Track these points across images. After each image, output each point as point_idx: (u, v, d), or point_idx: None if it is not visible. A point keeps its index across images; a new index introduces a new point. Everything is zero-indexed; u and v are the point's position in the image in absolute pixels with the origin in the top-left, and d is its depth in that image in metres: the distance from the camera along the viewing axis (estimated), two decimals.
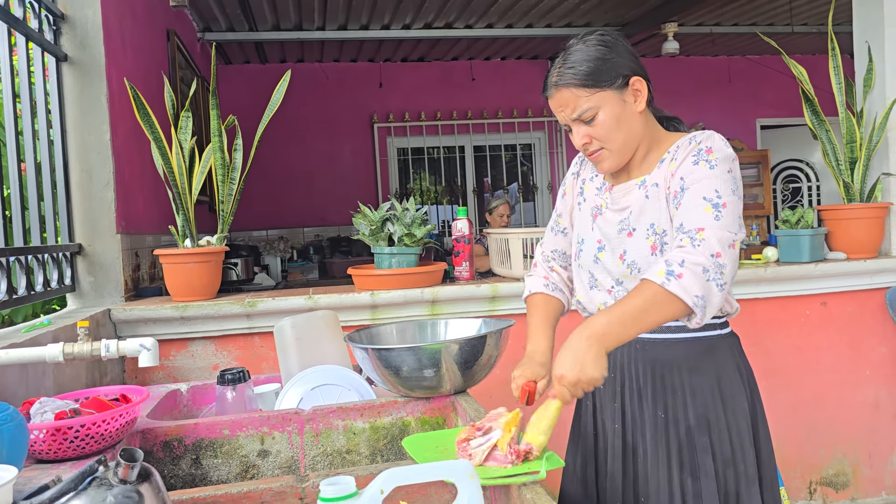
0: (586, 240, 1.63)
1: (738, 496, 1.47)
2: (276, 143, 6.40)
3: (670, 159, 1.50)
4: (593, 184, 1.66)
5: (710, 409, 1.48)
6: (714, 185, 1.39)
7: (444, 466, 0.91)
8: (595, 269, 1.60)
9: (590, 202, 1.65)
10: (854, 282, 3.24)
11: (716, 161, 1.42)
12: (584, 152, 1.54)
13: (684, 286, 1.29)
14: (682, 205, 1.41)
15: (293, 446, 1.74)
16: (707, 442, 1.47)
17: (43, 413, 1.51)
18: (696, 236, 1.34)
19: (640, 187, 1.53)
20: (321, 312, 2.10)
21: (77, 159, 2.67)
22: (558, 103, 1.50)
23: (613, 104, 1.46)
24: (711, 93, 7.46)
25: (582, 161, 1.73)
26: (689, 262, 1.30)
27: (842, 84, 3.28)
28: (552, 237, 1.77)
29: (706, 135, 1.48)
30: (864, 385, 3.31)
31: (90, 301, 2.69)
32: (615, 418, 1.57)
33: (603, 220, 1.59)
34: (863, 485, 3.33)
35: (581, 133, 1.50)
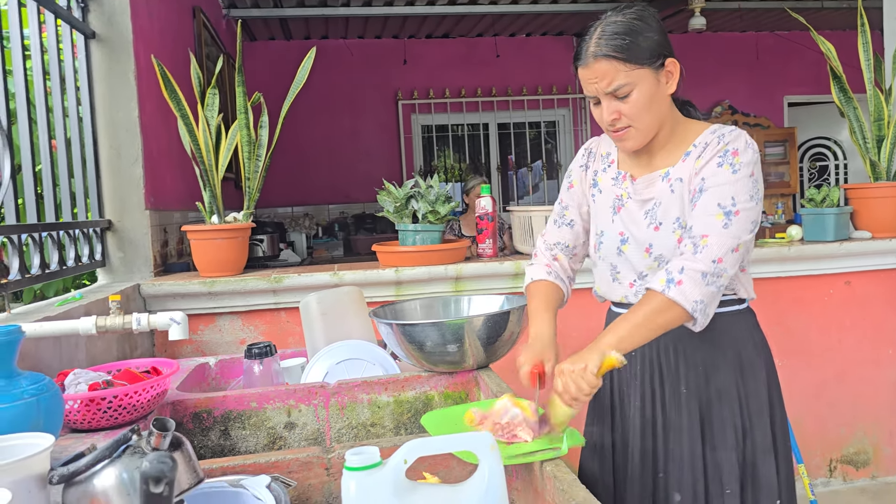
0: (606, 232, 1.61)
1: (755, 467, 1.50)
2: (300, 120, 6.44)
3: (697, 155, 1.49)
4: (607, 175, 1.64)
5: (729, 383, 1.51)
6: (732, 192, 1.40)
7: (466, 438, 0.94)
8: (618, 262, 1.59)
9: (607, 194, 1.63)
10: (879, 261, 3.21)
11: (739, 165, 1.42)
12: (609, 128, 1.50)
13: (683, 292, 1.35)
14: (697, 207, 1.43)
15: (319, 419, 1.78)
16: (727, 415, 1.50)
17: (77, 384, 1.56)
18: (699, 243, 1.38)
19: (664, 179, 1.52)
20: (346, 288, 2.13)
21: (106, 136, 2.71)
22: (594, 74, 1.45)
23: (649, 83, 1.44)
24: (739, 69, 7.36)
25: (589, 153, 1.71)
26: (687, 269, 1.36)
27: (871, 60, 3.23)
28: (556, 230, 1.74)
29: (734, 135, 1.47)
30: (886, 364, 3.29)
31: (120, 276, 2.75)
32: (635, 395, 1.59)
33: (626, 213, 1.57)
34: (883, 463, 3.33)
35: (612, 108, 1.46)
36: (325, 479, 1.32)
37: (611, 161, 1.66)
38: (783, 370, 3.17)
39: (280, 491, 1.19)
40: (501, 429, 1.29)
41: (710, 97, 7.30)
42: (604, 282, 1.64)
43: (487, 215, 2.97)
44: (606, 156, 1.68)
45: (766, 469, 1.50)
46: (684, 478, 1.50)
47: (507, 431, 1.29)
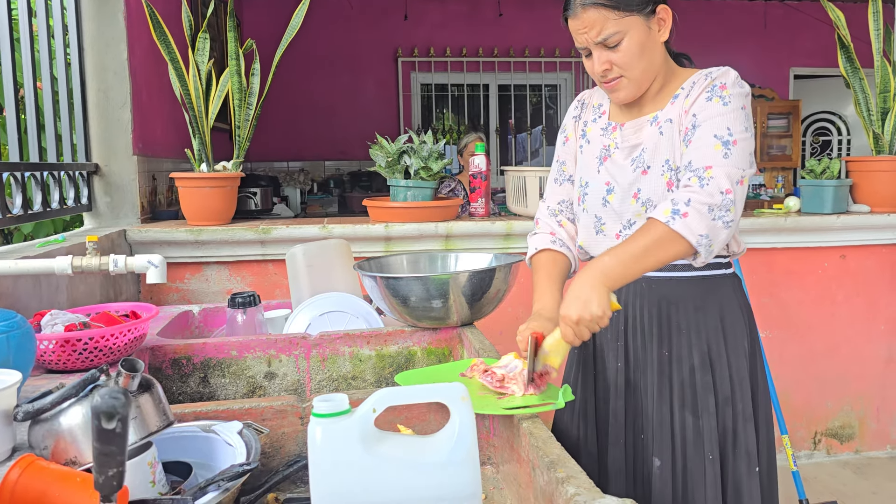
0: (591, 183, 1.56)
1: (735, 433, 1.48)
2: (298, 74, 6.33)
3: (685, 95, 1.45)
4: (597, 125, 1.60)
5: (713, 348, 1.48)
6: (726, 123, 1.36)
7: (437, 388, 0.91)
8: (603, 213, 1.54)
9: (595, 144, 1.59)
10: (876, 236, 3.18)
11: (729, 97, 1.39)
12: (600, 79, 1.47)
13: (689, 225, 1.29)
14: (693, 142, 1.38)
15: (299, 370, 1.76)
16: (709, 380, 1.47)
17: (53, 325, 1.53)
18: (703, 175, 1.32)
19: (653, 123, 1.48)
20: (334, 241, 2.10)
21: (94, 78, 2.65)
22: (582, 24, 1.40)
23: (640, 30, 1.40)
24: (746, 38, 7.24)
25: (582, 104, 1.67)
26: (694, 202, 1.29)
27: (880, 31, 3.16)
28: (557, 188, 1.67)
29: (721, 70, 1.44)
30: (877, 339, 3.28)
31: (106, 221, 2.71)
32: (618, 357, 1.57)
33: (612, 163, 1.53)
34: (868, 438, 3.34)
35: (602, 58, 1.42)
36: (299, 427, 1.30)
37: (602, 112, 1.61)
38: (773, 341, 3.18)
39: (251, 437, 1.17)
40: (493, 376, 1.27)
41: (715, 65, 7.18)
42: (588, 235, 1.59)
43: (481, 174, 2.93)
44: (598, 107, 1.63)
45: (747, 436, 1.48)
46: (664, 442, 1.48)
47: (499, 381, 1.26)
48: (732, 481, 1.47)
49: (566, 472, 0.95)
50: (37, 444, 1.04)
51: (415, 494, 0.87)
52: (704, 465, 1.46)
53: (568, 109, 1.71)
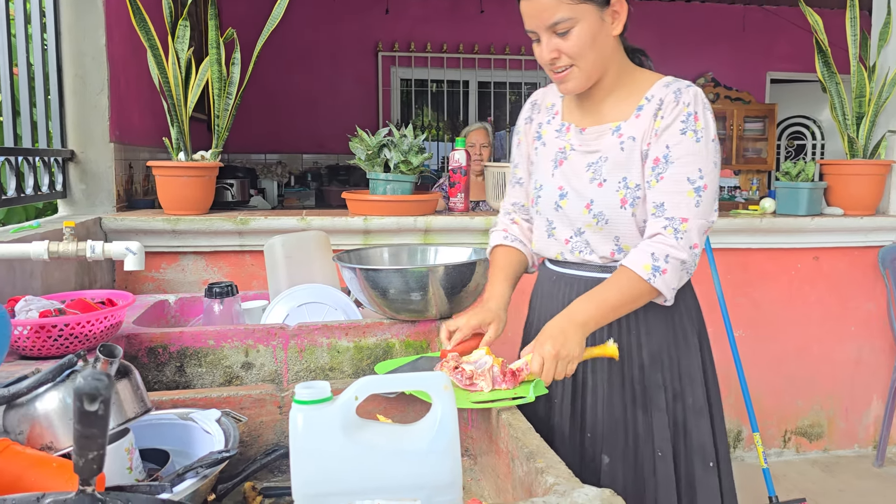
0: (545, 185, 1.54)
1: (686, 429, 1.48)
2: (278, 66, 6.29)
3: (653, 112, 1.42)
4: (551, 126, 1.57)
5: (662, 348, 1.49)
6: (698, 164, 1.37)
7: (419, 378, 0.91)
8: (555, 217, 1.52)
9: (551, 146, 1.56)
10: (848, 238, 3.23)
11: (702, 132, 1.38)
12: (549, 67, 1.43)
13: (666, 281, 1.35)
14: (665, 180, 1.38)
15: (277, 360, 1.75)
16: (659, 378, 1.47)
17: (28, 311, 1.51)
18: (679, 227, 1.36)
19: (615, 134, 1.46)
20: (313, 233, 2.09)
21: (71, 64, 2.62)
22: (534, 7, 1.37)
23: (592, 20, 1.37)
24: (724, 42, 7.31)
25: (534, 105, 1.64)
26: (672, 258, 1.35)
27: (857, 37, 3.21)
28: (511, 190, 1.69)
29: (692, 94, 1.41)
30: (848, 340, 3.34)
31: (81, 209, 2.68)
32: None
33: (568, 166, 1.51)
34: (836, 437, 3.40)
35: (551, 46, 1.39)
36: (277, 416, 1.29)
37: (555, 112, 1.59)
38: (747, 341, 3.22)
39: (230, 426, 1.16)
40: (462, 374, 1.27)
41: (693, 68, 7.26)
42: (540, 238, 1.58)
43: (460, 168, 2.93)
44: (551, 107, 1.60)
45: (700, 431, 1.49)
46: (616, 440, 1.47)
47: (468, 378, 1.26)
48: (685, 476, 1.48)
49: (545, 463, 0.96)
50: (12, 428, 1.02)
51: (396, 482, 0.87)
52: (655, 462, 1.46)
53: (521, 111, 1.68)
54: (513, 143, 1.70)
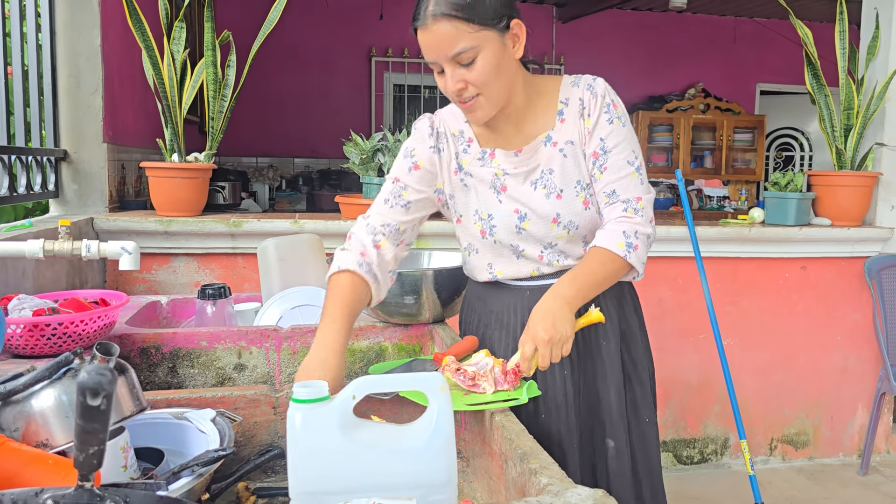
0: (497, 214, 1.48)
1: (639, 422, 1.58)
2: (271, 70, 6.29)
3: (577, 113, 1.44)
4: (470, 155, 1.50)
5: (631, 323, 1.59)
6: (630, 146, 1.45)
7: (416, 378, 0.92)
8: (519, 240, 1.49)
9: (480, 176, 1.49)
10: (836, 248, 3.27)
11: (622, 115, 1.46)
12: (455, 98, 1.37)
13: (639, 256, 1.42)
14: (609, 169, 1.44)
15: (269, 362, 1.76)
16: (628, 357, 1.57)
17: (21, 309, 1.51)
18: (637, 206, 1.43)
19: (548, 144, 1.46)
20: (306, 236, 2.10)
21: (65, 64, 2.61)
22: (434, 37, 1.30)
23: (495, 47, 1.32)
24: (715, 53, 7.38)
25: (437, 134, 1.52)
26: (640, 234, 1.42)
27: (846, 50, 3.25)
28: (387, 209, 1.49)
29: (602, 86, 1.45)
30: (834, 350, 3.37)
31: (73, 209, 2.67)
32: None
33: (514, 190, 1.47)
34: (822, 445, 3.43)
35: (456, 77, 1.32)
36: (271, 417, 1.30)
37: (468, 140, 1.51)
38: (735, 349, 3.25)
39: (225, 425, 1.16)
40: (465, 374, 1.27)
41: (684, 78, 7.32)
42: (506, 263, 1.54)
43: None
44: (460, 134, 1.52)
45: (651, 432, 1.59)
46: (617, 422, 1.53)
47: (471, 379, 1.27)
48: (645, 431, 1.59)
49: (539, 464, 0.97)
50: (7, 425, 1.02)
51: (392, 481, 0.88)
52: (643, 429, 1.56)
53: (414, 134, 1.55)
54: (401, 165, 1.52)
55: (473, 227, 1.53)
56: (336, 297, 1.35)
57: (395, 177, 1.52)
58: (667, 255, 3.13)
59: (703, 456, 3.33)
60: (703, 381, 3.27)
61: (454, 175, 1.52)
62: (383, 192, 1.53)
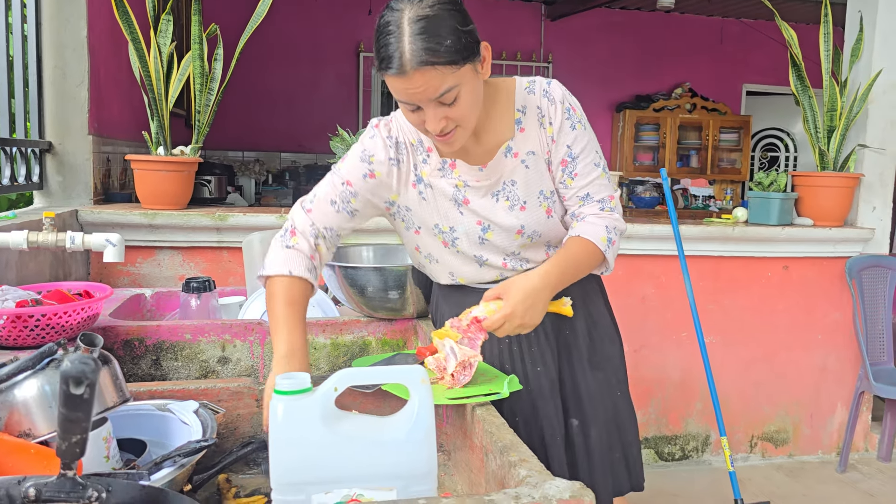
0: (458, 227, 1.47)
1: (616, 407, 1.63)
2: (258, 64, 6.27)
3: (536, 122, 1.43)
4: (429, 166, 1.45)
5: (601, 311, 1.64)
6: (594, 147, 1.48)
7: (398, 370, 0.93)
8: (483, 250, 1.49)
9: (440, 188, 1.45)
10: (817, 248, 3.31)
11: (581, 117, 1.46)
12: (434, 133, 1.32)
13: (614, 252, 1.48)
14: (579, 175, 1.46)
15: (253, 356, 1.76)
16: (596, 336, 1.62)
17: (4, 300, 1.51)
18: (610, 204, 1.49)
19: (508, 155, 1.44)
20: None
21: (51, 55, 2.60)
22: (415, 85, 1.23)
23: (471, 79, 1.29)
24: (701, 53, 7.42)
25: (396, 144, 1.44)
26: (618, 230, 1.49)
27: (830, 52, 3.29)
28: (333, 213, 1.43)
29: (558, 91, 1.44)
30: (814, 348, 3.41)
31: (58, 201, 2.66)
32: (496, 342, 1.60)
33: (475, 203, 1.45)
34: (801, 443, 3.47)
35: (439, 115, 1.28)
36: (254, 409, 1.31)
37: (427, 150, 1.45)
38: (716, 346, 3.28)
39: (208, 417, 1.17)
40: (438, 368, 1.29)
41: (671, 78, 7.35)
42: (470, 271, 1.53)
43: None
44: (419, 143, 1.45)
45: (624, 404, 1.64)
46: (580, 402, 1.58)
47: (441, 369, 1.29)
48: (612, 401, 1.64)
49: (518, 456, 0.98)
50: None
51: (373, 471, 0.89)
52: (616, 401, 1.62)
53: (373, 138, 1.45)
54: (356, 169, 1.44)
55: (434, 238, 1.50)
56: (291, 305, 1.31)
57: (346, 179, 1.43)
58: (650, 253, 3.16)
59: (685, 453, 3.37)
60: (685, 379, 3.30)
61: (412, 188, 1.46)
62: (330, 190, 1.45)
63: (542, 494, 0.86)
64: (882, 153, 3.36)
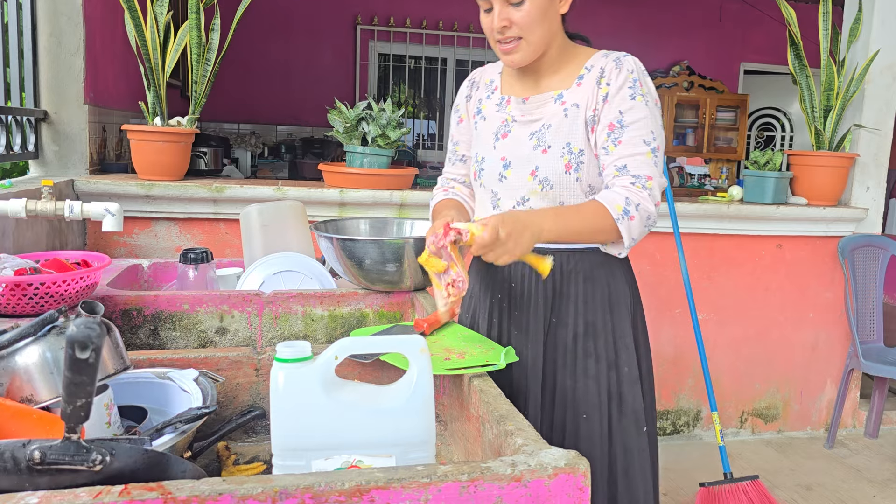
0: (487, 158, 1.58)
1: (621, 396, 1.54)
2: (254, 35, 6.22)
3: (595, 80, 1.47)
4: (491, 101, 1.61)
5: (598, 317, 1.54)
6: (650, 127, 1.44)
7: (397, 340, 0.94)
8: (500, 188, 1.56)
9: (492, 120, 1.59)
10: (811, 227, 3.33)
11: (649, 95, 1.45)
12: (496, 37, 1.45)
13: (630, 228, 1.40)
14: (623, 144, 1.43)
15: (251, 326, 1.77)
16: (591, 346, 1.53)
17: (3, 268, 1.51)
18: (646, 184, 1.41)
19: (557, 101, 1.50)
20: (289, 202, 2.10)
21: (46, 22, 2.58)
22: None
23: None
24: (700, 31, 7.38)
25: (472, 83, 1.68)
26: (641, 208, 1.40)
27: (828, 31, 3.28)
28: (451, 167, 1.74)
29: (630, 61, 1.47)
30: (805, 327, 3.44)
31: (53, 171, 2.66)
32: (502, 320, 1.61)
33: (512, 138, 1.55)
34: (790, 419, 3.51)
35: (503, 15, 1.41)
36: (253, 378, 1.32)
37: (494, 88, 1.62)
38: (709, 323, 3.31)
39: (207, 385, 1.19)
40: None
41: (669, 55, 7.32)
42: (485, 211, 1.61)
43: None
44: (490, 83, 1.64)
45: (634, 398, 1.55)
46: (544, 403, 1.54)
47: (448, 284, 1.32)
48: (621, 441, 1.53)
49: (515, 426, 1.00)
50: None
51: (372, 439, 0.90)
52: (578, 423, 1.52)
53: (459, 89, 1.72)
54: (453, 121, 1.72)
55: (471, 168, 1.64)
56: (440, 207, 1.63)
57: (451, 134, 1.73)
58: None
59: (676, 427, 3.41)
60: (678, 355, 3.33)
61: (472, 118, 1.65)
62: (448, 150, 1.75)
63: (538, 462, 0.87)
64: (877, 133, 3.37)
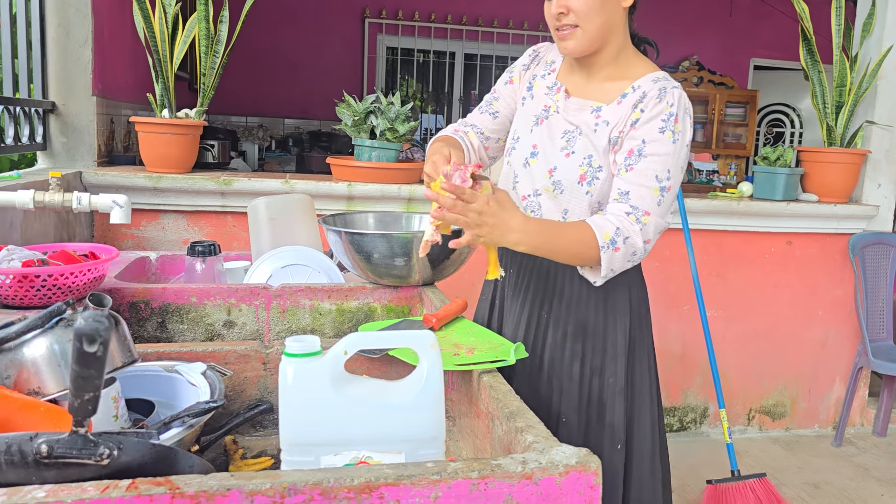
0: (522, 139, 1.57)
1: (601, 404, 1.50)
2: (263, 28, 6.21)
3: (633, 102, 1.44)
4: (545, 82, 1.59)
5: (590, 319, 1.51)
6: (668, 165, 1.39)
7: (407, 335, 0.93)
8: (521, 172, 1.55)
9: (538, 101, 1.58)
10: (821, 224, 3.30)
11: (679, 135, 1.39)
12: (555, 23, 1.44)
13: (611, 259, 1.35)
14: (635, 171, 1.39)
15: (259, 320, 1.77)
16: (579, 349, 1.50)
17: (10, 260, 1.50)
18: (641, 218, 1.36)
19: (594, 113, 1.48)
20: (297, 196, 2.09)
21: (54, 13, 2.57)
22: None
23: None
24: (710, 26, 7.34)
25: (535, 56, 1.65)
26: (629, 242, 1.35)
27: (841, 26, 3.25)
28: (478, 115, 1.69)
29: (676, 95, 1.42)
30: (815, 324, 3.42)
31: (61, 162, 2.65)
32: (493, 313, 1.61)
33: (547, 127, 1.53)
34: (798, 417, 3.50)
35: (562, 2, 1.40)
36: (261, 372, 1.31)
37: (552, 69, 1.60)
38: (718, 320, 3.29)
39: (215, 379, 1.18)
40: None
41: (679, 51, 7.28)
42: (504, 187, 1.59)
43: None
44: (550, 63, 1.62)
45: (614, 410, 1.50)
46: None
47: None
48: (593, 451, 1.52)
49: (525, 422, 0.99)
50: None
51: (381, 435, 0.89)
52: (557, 426, 1.49)
53: (524, 54, 1.69)
54: (502, 78, 1.69)
55: (507, 143, 1.64)
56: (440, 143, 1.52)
57: (494, 88, 1.70)
58: None
59: (683, 424, 3.39)
60: (686, 352, 3.32)
61: (521, 92, 1.64)
62: (483, 101, 1.71)
63: (549, 460, 0.86)
64: (889, 130, 3.34)
